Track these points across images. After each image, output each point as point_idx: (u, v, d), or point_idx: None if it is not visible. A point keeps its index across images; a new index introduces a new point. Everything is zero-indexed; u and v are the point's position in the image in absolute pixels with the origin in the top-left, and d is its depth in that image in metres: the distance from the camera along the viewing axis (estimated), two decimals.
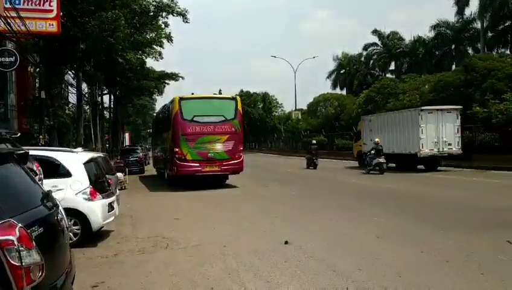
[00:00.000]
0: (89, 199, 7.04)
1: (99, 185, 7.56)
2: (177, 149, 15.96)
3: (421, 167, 21.02)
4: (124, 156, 26.99)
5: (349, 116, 42.80)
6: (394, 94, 36.54)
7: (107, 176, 9.69)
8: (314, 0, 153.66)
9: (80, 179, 7.07)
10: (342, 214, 9.66)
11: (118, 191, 10.55)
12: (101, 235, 7.69)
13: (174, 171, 16.54)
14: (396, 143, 21.56)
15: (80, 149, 7.88)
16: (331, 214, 9.76)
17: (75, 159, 7.36)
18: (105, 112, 46.25)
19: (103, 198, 7.37)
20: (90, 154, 7.84)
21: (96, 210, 7.06)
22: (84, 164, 7.30)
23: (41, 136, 18.16)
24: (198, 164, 15.90)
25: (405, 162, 21.49)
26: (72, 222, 6.91)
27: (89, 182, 7.14)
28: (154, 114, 68.10)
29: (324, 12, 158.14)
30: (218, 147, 16.03)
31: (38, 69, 20.44)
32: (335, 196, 13.21)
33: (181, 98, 16.38)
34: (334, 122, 48.56)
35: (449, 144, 20.28)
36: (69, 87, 31.65)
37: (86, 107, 36.32)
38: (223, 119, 16.31)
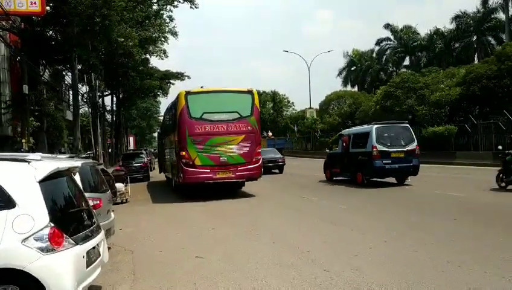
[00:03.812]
0: (47, 250, 3.68)
1: (69, 220, 4.22)
2: (183, 153, 13.48)
3: None
4: (126, 162, 23.51)
5: (366, 114, 40.20)
6: (415, 89, 33.74)
7: (95, 194, 6.56)
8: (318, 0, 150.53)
9: (30, 212, 3.73)
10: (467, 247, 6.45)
11: (112, 214, 7.41)
12: None
13: (180, 179, 13.87)
14: None
15: (38, 155, 4.44)
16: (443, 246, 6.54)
17: (23, 175, 3.95)
18: (107, 115, 43.65)
19: (77, 243, 3.98)
20: (55, 164, 4.24)
21: (60, 270, 3.68)
22: (41, 182, 3.92)
23: (24, 140, 14.98)
24: (209, 170, 13.53)
25: None
26: None
27: (48, 217, 3.78)
28: (159, 117, 65.48)
29: (328, 12, 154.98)
30: (233, 149, 13.74)
31: (18, 58, 17.29)
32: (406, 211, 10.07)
33: (188, 92, 13.89)
34: (347, 121, 45.73)
35: None
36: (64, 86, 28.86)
37: (88, 111, 33.62)
38: (238, 116, 13.98)
